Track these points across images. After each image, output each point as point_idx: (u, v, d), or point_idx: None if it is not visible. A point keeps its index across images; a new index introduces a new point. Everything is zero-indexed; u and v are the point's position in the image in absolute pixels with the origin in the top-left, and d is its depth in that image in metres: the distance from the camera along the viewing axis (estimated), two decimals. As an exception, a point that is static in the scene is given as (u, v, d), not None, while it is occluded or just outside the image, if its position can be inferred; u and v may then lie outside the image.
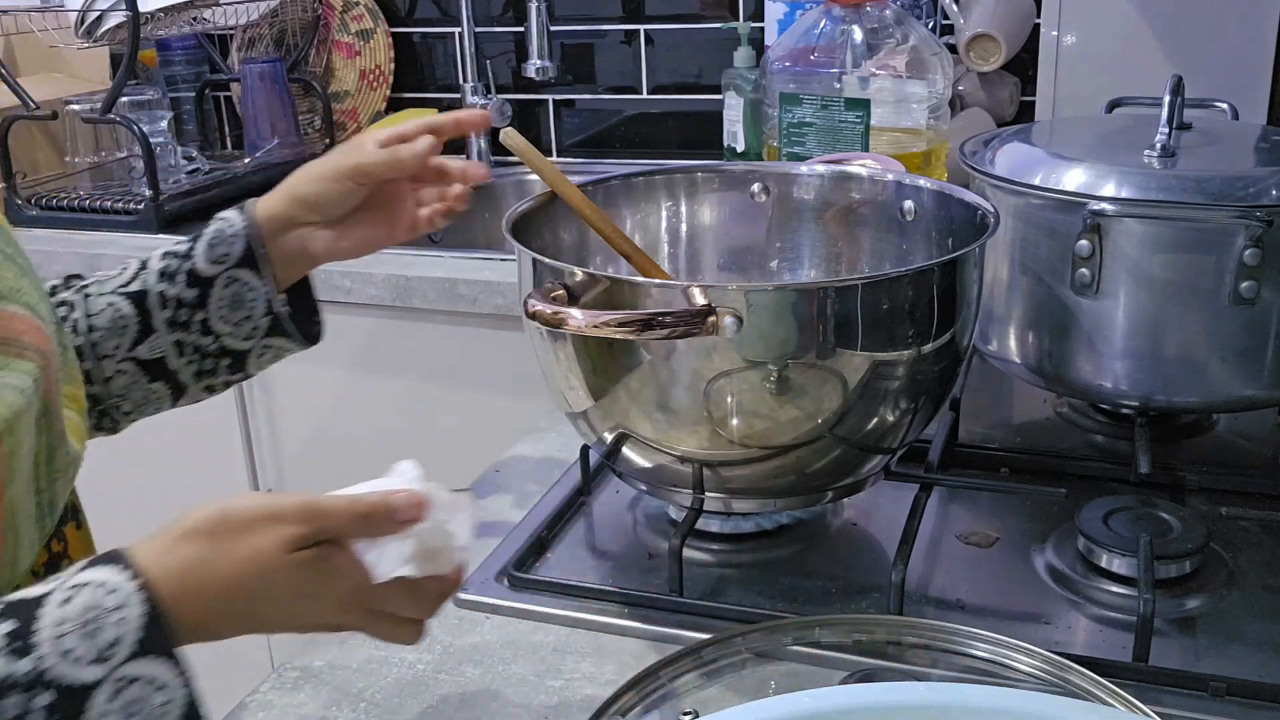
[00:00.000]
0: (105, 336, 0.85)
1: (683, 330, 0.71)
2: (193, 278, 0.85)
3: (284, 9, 2.16)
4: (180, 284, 0.85)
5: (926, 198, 0.95)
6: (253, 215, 0.85)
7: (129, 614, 0.55)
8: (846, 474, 0.84)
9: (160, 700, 0.55)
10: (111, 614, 0.55)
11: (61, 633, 0.54)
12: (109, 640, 0.54)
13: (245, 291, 0.86)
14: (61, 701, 0.53)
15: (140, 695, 0.55)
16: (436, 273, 1.58)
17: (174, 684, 0.56)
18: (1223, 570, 0.84)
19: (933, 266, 0.79)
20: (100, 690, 0.54)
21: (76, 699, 0.54)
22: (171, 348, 0.86)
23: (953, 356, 0.83)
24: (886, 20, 1.44)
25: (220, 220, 0.86)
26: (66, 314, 0.85)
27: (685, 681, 0.69)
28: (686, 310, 0.72)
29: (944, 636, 0.72)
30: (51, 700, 0.53)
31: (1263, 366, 0.92)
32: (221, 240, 0.85)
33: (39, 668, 0.53)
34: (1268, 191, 0.89)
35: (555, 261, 0.80)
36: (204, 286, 0.85)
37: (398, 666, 0.78)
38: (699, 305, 0.72)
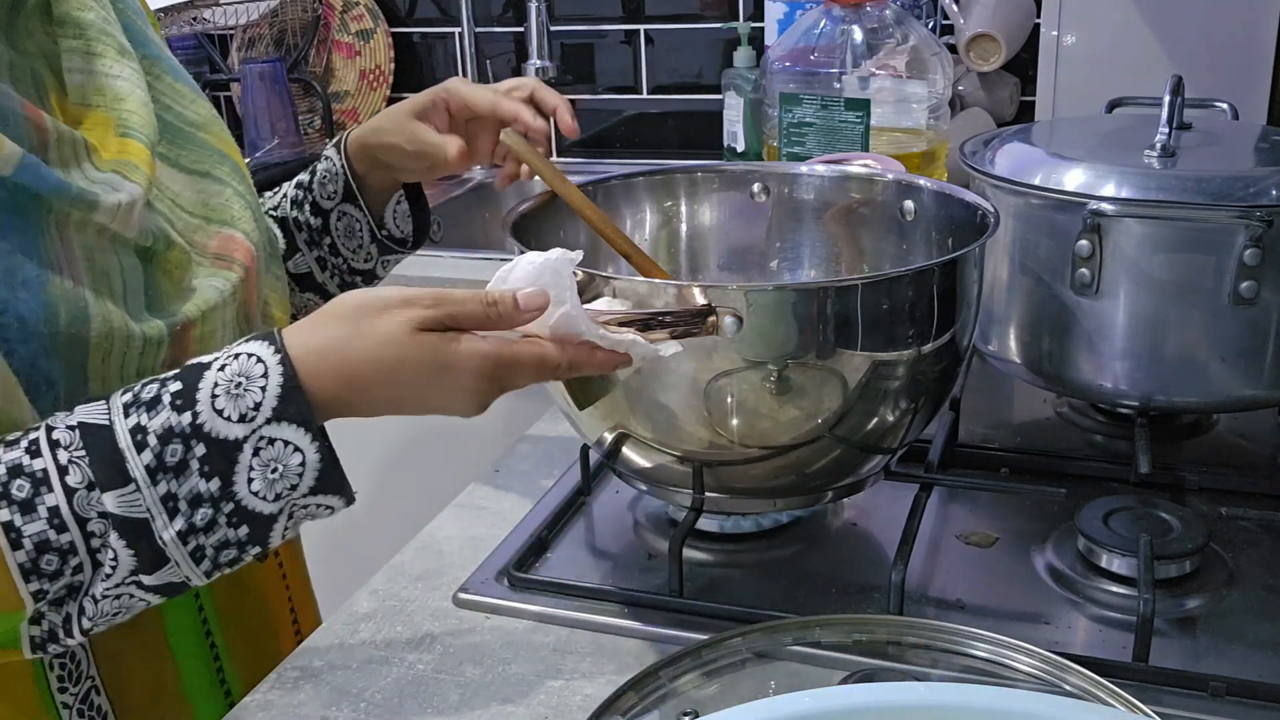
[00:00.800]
0: None
1: (683, 330, 0.71)
2: (315, 208, 0.97)
3: (284, 9, 2.16)
4: (307, 212, 0.97)
5: (927, 198, 0.95)
6: (346, 155, 0.95)
7: (269, 382, 0.62)
8: (846, 474, 0.84)
9: (296, 462, 0.63)
10: (255, 381, 0.62)
11: (215, 393, 0.62)
12: (251, 403, 0.62)
13: (354, 223, 0.97)
14: (213, 453, 0.61)
15: (278, 456, 0.62)
16: (436, 273, 1.59)
17: (309, 449, 0.63)
18: (1223, 570, 0.84)
19: (933, 267, 0.79)
20: (245, 446, 0.62)
21: (227, 451, 0.61)
22: (314, 264, 0.98)
23: (953, 356, 0.83)
24: (886, 20, 1.44)
25: (327, 159, 0.97)
26: None
27: (685, 681, 0.69)
28: (687, 310, 0.72)
29: (944, 637, 0.72)
30: (205, 451, 0.61)
31: (1263, 366, 0.92)
32: (330, 178, 0.96)
33: (196, 421, 0.61)
34: (1268, 191, 0.89)
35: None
36: (324, 217, 0.97)
37: (398, 666, 0.78)
38: (699, 305, 0.72)
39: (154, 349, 0.69)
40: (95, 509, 0.60)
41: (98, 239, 0.67)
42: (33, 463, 0.61)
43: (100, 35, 0.73)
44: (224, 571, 0.65)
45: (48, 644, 0.64)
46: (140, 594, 0.63)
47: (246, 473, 0.62)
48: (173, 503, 0.61)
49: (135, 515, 0.60)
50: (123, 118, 0.72)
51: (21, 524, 0.60)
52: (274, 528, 0.64)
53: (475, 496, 0.99)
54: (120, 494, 0.60)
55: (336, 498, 0.65)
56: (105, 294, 0.67)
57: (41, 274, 0.64)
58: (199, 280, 0.75)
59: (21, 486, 0.60)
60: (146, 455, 0.61)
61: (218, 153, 0.81)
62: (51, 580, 0.61)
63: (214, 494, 0.62)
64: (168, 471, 0.61)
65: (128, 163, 0.70)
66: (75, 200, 0.65)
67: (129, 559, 0.61)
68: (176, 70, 0.82)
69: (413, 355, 0.64)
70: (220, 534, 0.62)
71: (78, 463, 0.61)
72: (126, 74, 0.73)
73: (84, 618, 0.63)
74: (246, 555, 0.64)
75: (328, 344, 0.64)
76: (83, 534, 0.60)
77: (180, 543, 0.62)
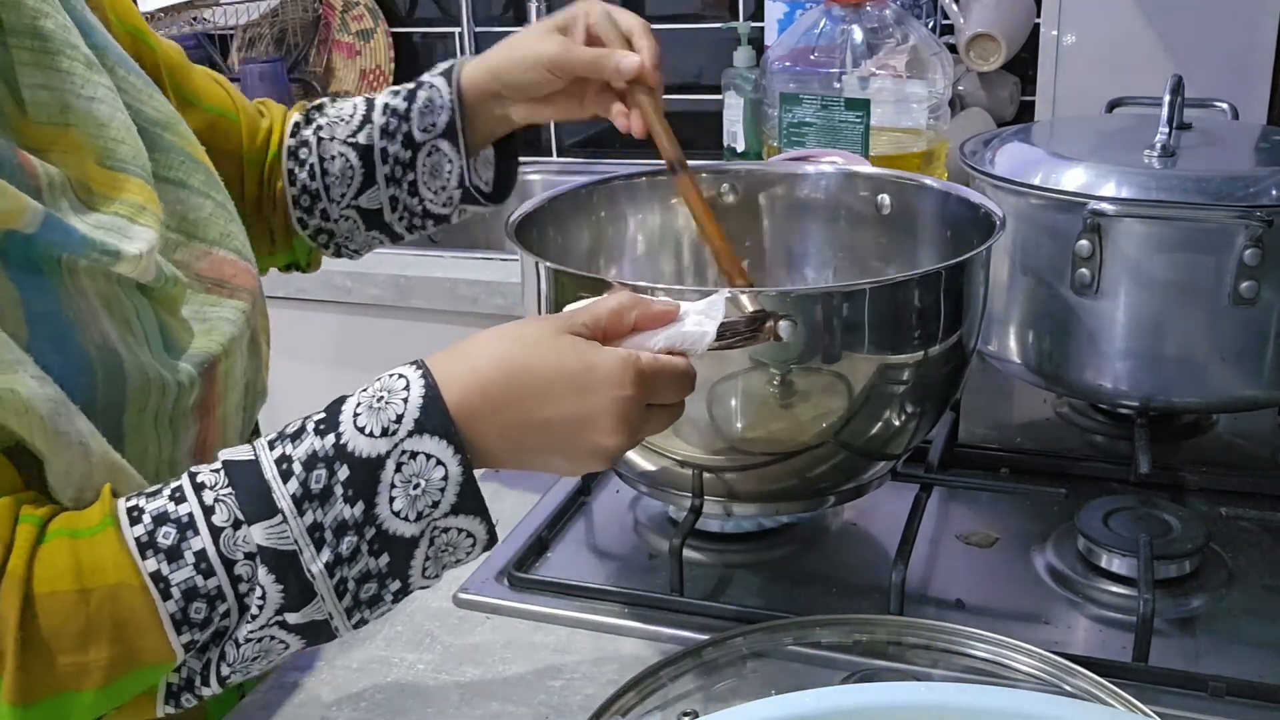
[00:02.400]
0: (335, 183, 0.93)
1: (745, 339, 0.69)
2: (408, 140, 0.91)
3: (284, 9, 2.16)
4: (398, 143, 0.92)
5: (928, 196, 0.95)
6: (459, 89, 0.91)
7: (411, 394, 0.60)
8: (851, 479, 0.84)
9: (439, 476, 0.60)
10: (397, 394, 0.60)
11: (357, 412, 0.60)
12: (393, 415, 0.60)
13: (443, 162, 0.92)
14: (357, 473, 0.59)
15: (420, 470, 0.60)
16: (436, 273, 1.59)
17: (450, 462, 0.60)
18: (1223, 570, 0.84)
19: (941, 270, 0.79)
20: (387, 462, 0.59)
21: (370, 470, 0.59)
22: (387, 202, 0.93)
23: (959, 359, 0.83)
24: (886, 20, 1.44)
25: (431, 87, 0.91)
26: (305, 157, 0.93)
27: (685, 681, 0.69)
28: (744, 317, 0.70)
29: (944, 637, 0.72)
30: (349, 473, 0.59)
31: (1263, 366, 0.92)
32: (431, 109, 0.91)
33: (339, 442, 0.59)
34: (1268, 191, 0.89)
35: (558, 265, 0.79)
36: (415, 150, 0.92)
37: (398, 666, 0.78)
38: (753, 311, 0.70)
39: (186, 394, 0.68)
40: (242, 549, 0.58)
41: (107, 284, 0.65)
42: (178, 509, 0.59)
43: (64, 47, 0.67)
44: (365, 615, 0.62)
45: (182, 694, 0.62)
46: (282, 635, 0.60)
47: (389, 491, 0.59)
48: (319, 533, 0.59)
49: (284, 547, 0.58)
50: (108, 148, 0.67)
51: (169, 572, 0.58)
52: (415, 555, 0.61)
53: (475, 496, 0.99)
54: (268, 525, 0.58)
55: (477, 521, 0.62)
56: (132, 344, 0.65)
57: (71, 333, 0.61)
58: (208, 310, 0.73)
59: (168, 534, 0.58)
60: (292, 484, 0.59)
61: (188, 158, 0.77)
62: (201, 629, 0.59)
63: (358, 519, 0.59)
64: (313, 500, 0.59)
65: (131, 203, 0.67)
66: (99, 255, 0.63)
67: (276, 594, 0.59)
68: (126, 62, 0.75)
69: (553, 351, 0.62)
70: (362, 564, 0.60)
71: (224, 500, 0.59)
72: (101, 93, 0.68)
73: (224, 664, 0.61)
74: (387, 593, 0.62)
75: (468, 348, 0.62)
76: (230, 578, 0.58)
77: (327, 575, 0.59)
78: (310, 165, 0.93)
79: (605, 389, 0.61)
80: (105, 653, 0.58)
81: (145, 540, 0.58)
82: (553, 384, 0.61)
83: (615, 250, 1.00)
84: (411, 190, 0.93)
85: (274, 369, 0.94)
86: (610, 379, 0.61)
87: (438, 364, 0.62)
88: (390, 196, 0.93)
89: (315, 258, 1.00)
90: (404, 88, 0.93)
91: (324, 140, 0.93)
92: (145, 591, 0.58)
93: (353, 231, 0.95)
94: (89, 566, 0.58)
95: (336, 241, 0.96)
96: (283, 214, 0.95)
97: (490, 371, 0.61)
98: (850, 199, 0.99)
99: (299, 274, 1.03)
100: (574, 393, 0.61)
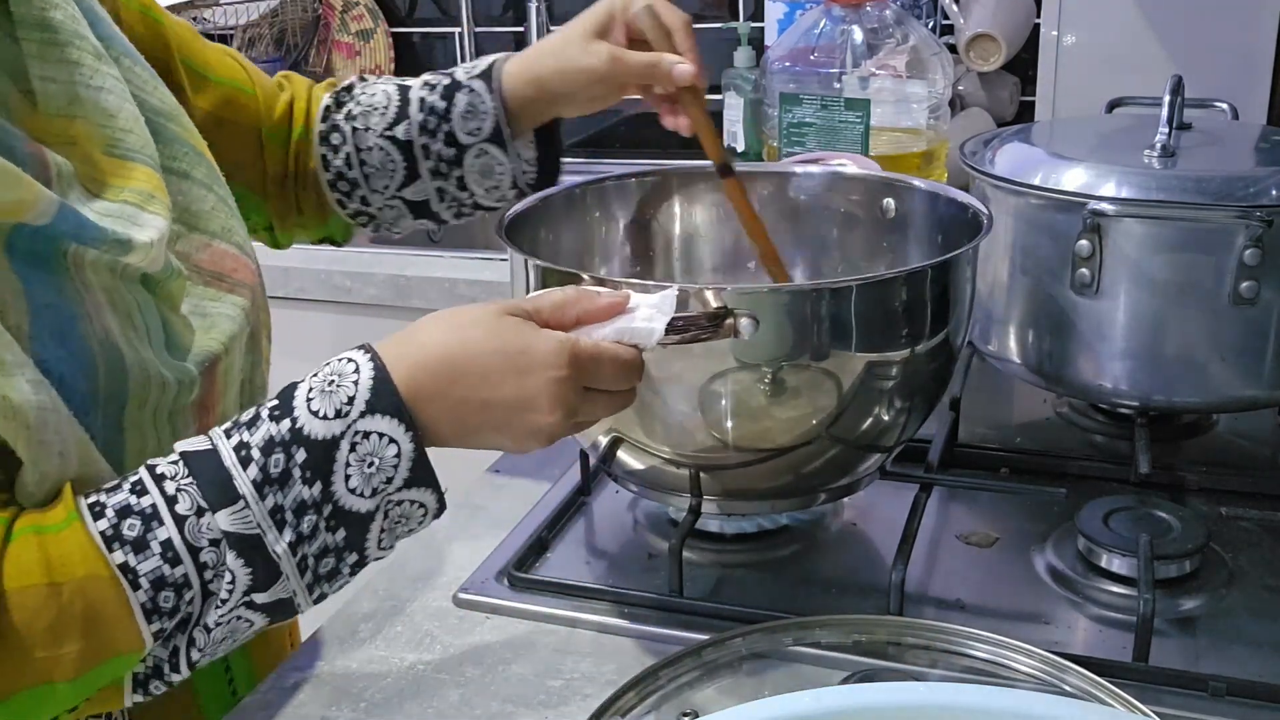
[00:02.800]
0: (376, 174, 0.94)
1: (703, 334, 0.70)
2: (450, 139, 0.92)
3: (284, 9, 2.16)
4: (440, 142, 0.92)
5: (918, 197, 0.96)
6: (500, 96, 0.91)
7: (361, 377, 0.62)
8: (842, 475, 0.84)
9: (391, 454, 0.62)
10: (347, 378, 0.62)
11: (310, 396, 0.62)
12: (345, 398, 0.62)
13: (494, 164, 0.93)
14: (313, 455, 0.61)
15: (373, 449, 0.62)
16: (436, 273, 1.59)
17: (403, 439, 0.62)
18: (1223, 570, 0.84)
19: (927, 267, 0.79)
20: (342, 443, 0.61)
21: (326, 450, 0.61)
22: (434, 194, 0.94)
23: (947, 356, 0.83)
24: (886, 20, 1.44)
25: (471, 91, 0.92)
26: (339, 144, 0.93)
27: (685, 682, 0.69)
28: (703, 314, 0.71)
29: (944, 637, 0.72)
30: (306, 455, 0.61)
31: (1263, 366, 0.92)
32: (474, 114, 0.91)
33: (294, 426, 0.61)
34: (1268, 191, 0.89)
35: (549, 264, 0.79)
36: (460, 150, 0.92)
37: (398, 666, 0.78)
38: (715, 308, 0.72)
39: (187, 391, 0.69)
40: (206, 535, 0.60)
41: (111, 277, 0.65)
42: (140, 500, 0.60)
43: (72, 38, 0.67)
44: (324, 589, 0.64)
45: (150, 681, 0.63)
46: (249, 615, 0.62)
47: (344, 470, 0.61)
48: (280, 514, 0.61)
49: (248, 532, 0.60)
50: (116, 137, 0.68)
51: (136, 563, 0.59)
52: (370, 528, 0.63)
53: (475, 496, 0.99)
54: (232, 511, 0.60)
55: (429, 492, 0.64)
56: (134, 339, 0.65)
57: (74, 327, 0.62)
58: (208, 305, 0.73)
59: (133, 525, 0.60)
60: (252, 469, 0.60)
61: (192, 149, 0.77)
62: (170, 617, 0.60)
63: (316, 499, 0.61)
64: (273, 483, 0.61)
65: (140, 191, 0.67)
66: (110, 244, 0.63)
67: (245, 577, 0.61)
68: (132, 53, 0.75)
69: (492, 333, 0.64)
70: (320, 540, 0.62)
71: (186, 490, 0.60)
72: (110, 84, 0.68)
73: (194, 649, 0.62)
74: (344, 565, 0.64)
75: (413, 332, 0.65)
76: (196, 565, 0.60)
77: (290, 553, 0.61)
78: (346, 154, 0.93)
79: (541, 370, 0.63)
80: (77, 645, 0.59)
81: (110, 534, 0.59)
82: (491, 365, 0.63)
83: (606, 251, 1.00)
84: (460, 185, 0.94)
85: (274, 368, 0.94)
86: (546, 360, 0.64)
87: (385, 347, 0.64)
88: (437, 189, 0.94)
89: (350, 233, 1.01)
90: (439, 82, 0.93)
91: (358, 130, 0.93)
92: (115, 582, 0.59)
93: (398, 219, 0.96)
94: (58, 560, 0.58)
95: (378, 223, 0.98)
96: (314, 193, 0.95)
97: (433, 353, 0.64)
98: (841, 201, 1.00)
99: (299, 273, 1.03)
100: (512, 373, 0.63)
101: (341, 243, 1.02)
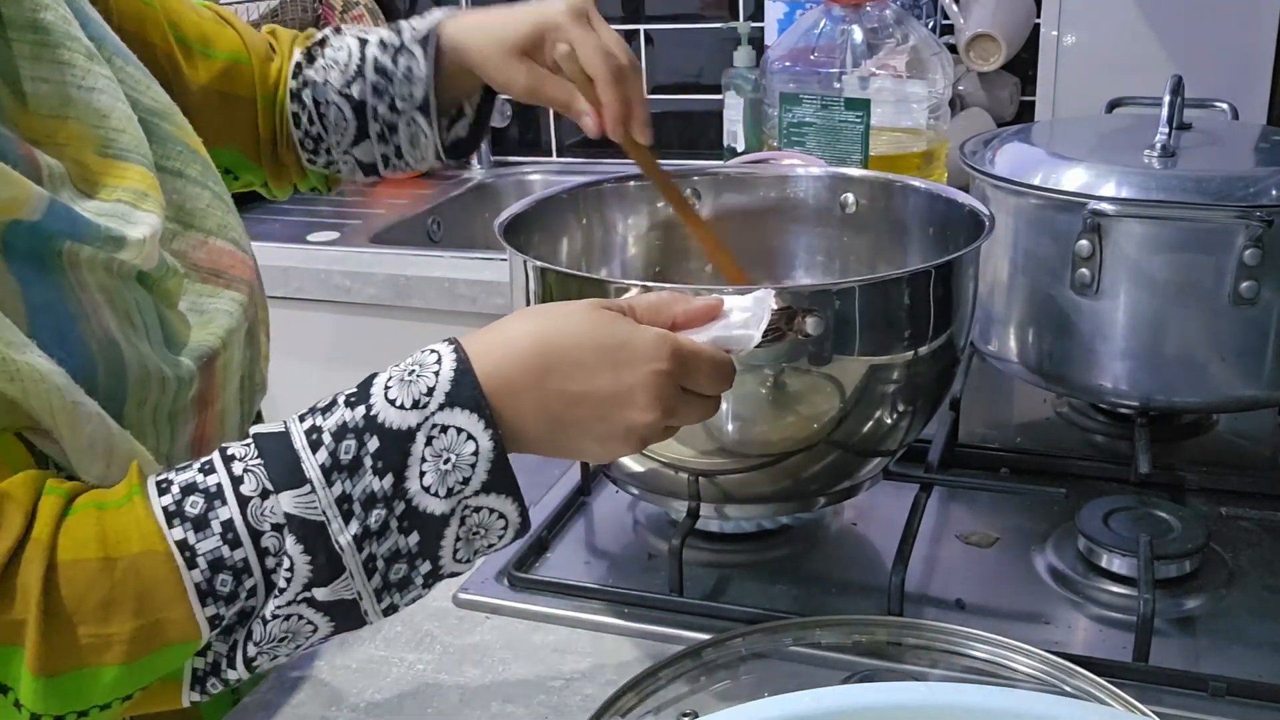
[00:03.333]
0: (330, 130, 0.94)
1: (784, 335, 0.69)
2: (392, 105, 0.92)
3: (284, 9, 2.15)
4: (386, 105, 0.92)
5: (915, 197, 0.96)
6: (434, 66, 0.90)
7: (443, 368, 0.59)
8: (843, 479, 0.84)
9: (469, 451, 0.59)
10: (428, 368, 0.60)
11: (389, 385, 0.59)
12: (424, 388, 0.59)
13: (419, 135, 0.93)
14: (386, 445, 0.58)
15: (450, 445, 0.59)
16: (436, 273, 1.59)
17: (482, 436, 0.59)
18: (1223, 570, 0.84)
19: (929, 269, 0.79)
20: (418, 435, 0.58)
21: (399, 442, 0.58)
22: (379, 159, 0.95)
23: (950, 358, 0.83)
24: (886, 20, 1.44)
25: (411, 55, 0.91)
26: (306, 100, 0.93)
27: (685, 682, 0.69)
28: (780, 313, 0.69)
29: (944, 638, 0.72)
30: (379, 445, 0.58)
31: (1263, 366, 0.92)
32: (410, 79, 0.91)
33: (370, 413, 0.59)
34: (1268, 191, 0.89)
35: (547, 264, 0.79)
36: (397, 115, 0.92)
37: (398, 666, 0.78)
38: (783, 307, 0.70)
39: (186, 388, 0.68)
40: (269, 519, 0.58)
41: (108, 275, 0.65)
42: (206, 479, 0.59)
43: (64, 39, 0.67)
44: (395, 599, 0.61)
45: (208, 678, 0.61)
46: (310, 615, 0.59)
47: (419, 465, 0.58)
48: (347, 504, 0.58)
49: (312, 517, 0.58)
50: (109, 138, 0.67)
51: (195, 541, 0.57)
52: (445, 534, 0.60)
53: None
54: (296, 494, 0.58)
55: (509, 501, 0.60)
56: (132, 337, 0.65)
57: (73, 326, 0.61)
58: (205, 302, 0.73)
59: (195, 503, 0.58)
60: (321, 454, 0.58)
61: (186, 148, 0.76)
62: (227, 604, 0.58)
63: (387, 492, 0.58)
64: (342, 470, 0.58)
65: (133, 189, 0.67)
66: (103, 241, 0.62)
67: (305, 566, 0.58)
68: (124, 52, 0.74)
69: (590, 324, 0.61)
70: (391, 541, 0.59)
71: (253, 470, 0.58)
72: (102, 84, 0.68)
73: (250, 643, 0.59)
74: (417, 575, 0.60)
75: (501, 326, 0.62)
76: (257, 550, 0.58)
77: (355, 548, 0.58)
78: (309, 110, 0.93)
79: (641, 363, 0.60)
80: (128, 625, 0.57)
81: (172, 510, 0.58)
82: (587, 356, 0.60)
83: (603, 253, 1.01)
84: (398, 154, 0.94)
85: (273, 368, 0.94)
86: (646, 353, 0.61)
87: (471, 340, 0.61)
88: (382, 154, 0.94)
89: (332, 185, 1.02)
90: (391, 40, 0.92)
91: (318, 84, 0.93)
92: (170, 559, 0.57)
93: (352, 173, 0.97)
94: (114, 535, 0.57)
95: (341, 179, 0.99)
96: (294, 151, 0.96)
97: (524, 344, 0.61)
98: (832, 201, 1.00)
99: (298, 273, 1.03)
100: (609, 366, 0.60)
101: (326, 192, 1.02)
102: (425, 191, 2.02)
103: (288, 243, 1.73)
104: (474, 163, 2.13)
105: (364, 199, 2.01)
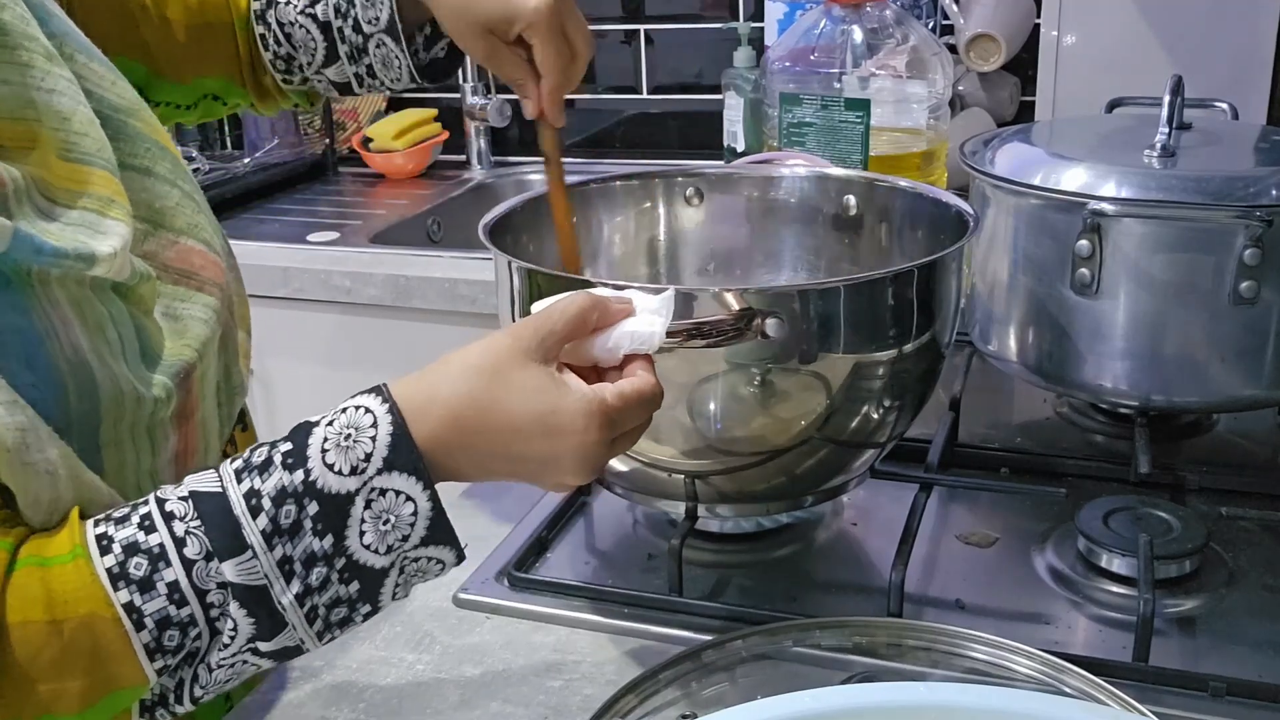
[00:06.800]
0: (300, 50, 0.92)
1: (728, 337, 0.70)
2: (356, 26, 0.90)
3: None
4: (350, 26, 0.90)
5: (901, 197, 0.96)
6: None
7: (379, 432, 0.60)
8: (831, 476, 0.84)
9: (408, 512, 0.60)
10: (364, 431, 0.60)
11: (325, 448, 0.60)
12: (362, 454, 0.59)
13: (390, 56, 0.91)
14: (326, 509, 0.59)
15: (389, 507, 0.60)
16: (436, 273, 1.59)
17: (420, 497, 0.60)
18: (1223, 570, 0.84)
19: (912, 268, 0.79)
20: (356, 499, 0.59)
21: (340, 506, 0.59)
22: (353, 78, 0.93)
23: (934, 356, 0.83)
24: (886, 20, 1.44)
25: None
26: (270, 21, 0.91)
27: (684, 683, 0.69)
28: (730, 316, 0.70)
29: (944, 639, 0.72)
30: (318, 509, 0.59)
31: (1263, 366, 0.92)
32: (373, 2, 0.89)
33: (309, 479, 0.59)
34: (1268, 191, 0.89)
35: (531, 265, 0.79)
36: (365, 38, 0.90)
37: (397, 666, 0.78)
38: (739, 310, 0.71)
39: (164, 406, 0.67)
40: (214, 579, 0.59)
41: (79, 288, 0.63)
42: (149, 539, 0.59)
43: (23, 40, 0.64)
44: (335, 634, 0.62)
45: (156, 708, 0.62)
46: (254, 660, 0.61)
47: (359, 526, 0.59)
48: (289, 565, 0.59)
49: (254, 583, 0.59)
50: (71, 141, 0.65)
51: (142, 603, 0.58)
52: (385, 583, 0.61)
53: (475, 496, 0.99)
54: (238, 561, 0.58)
55: (447, 550, 0.62)
56: (106, 354, 0.64)
57: (41, 349, 0.60)
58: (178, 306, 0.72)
59: (140, 565, 0.58)
60: (262, 520, 0.59)
61: (155, 145, 0.74)
62: (174, 654, 0.59)
63: (327, 551, 0.59)
64: (283, 535, 0.59)
65: (98, 196, 0.65)
66: (73, 259, 0.61)
67: (248, 626, 0.59)
68: (87, 48, 0.72)
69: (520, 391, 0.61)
70: (332, 591, 0.60)
71: (194, 533, 0.59)
72: (62, 86, 0.66)
73: (196, 685, 0.61)
74: (357, 615, 0.62)
75: (435, 384, 0.62)
76: (202, 606, 0.59)
77: (297, 605, 0.60)
78: (274, 31, 0.92)
79: (570, 434, 0.61)
80: (80, 681, 0.58)
81: (116, 571, 0.58)
82: (520, 424, 0.62)
83: (590, 253, 1.00)
84: (370, 73, 0.93)
85: (273, 369, 0.94)
86: (575, 425, 0.61)
87: (405, 397, 0.61)
88: (354, 74, 0.93)
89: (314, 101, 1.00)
90: None
91: (280, 5, 0.92)
92: (118, 623, 0.58)
93: (328, 90, 0.96)
94: (60, 597, 0.58)
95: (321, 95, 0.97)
96: (270, 75, 0.95)
97: (458, 407, 0.61)
98: (824, 201, 1.00)
99: (298, 273, 1.03)
100: (540, 435, 0.62)
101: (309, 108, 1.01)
102: (425, 192, 2.03)
103: (288, 243, 1.73)
104: (474, 163, 2.14)
105: (364, 199, 2.01)
